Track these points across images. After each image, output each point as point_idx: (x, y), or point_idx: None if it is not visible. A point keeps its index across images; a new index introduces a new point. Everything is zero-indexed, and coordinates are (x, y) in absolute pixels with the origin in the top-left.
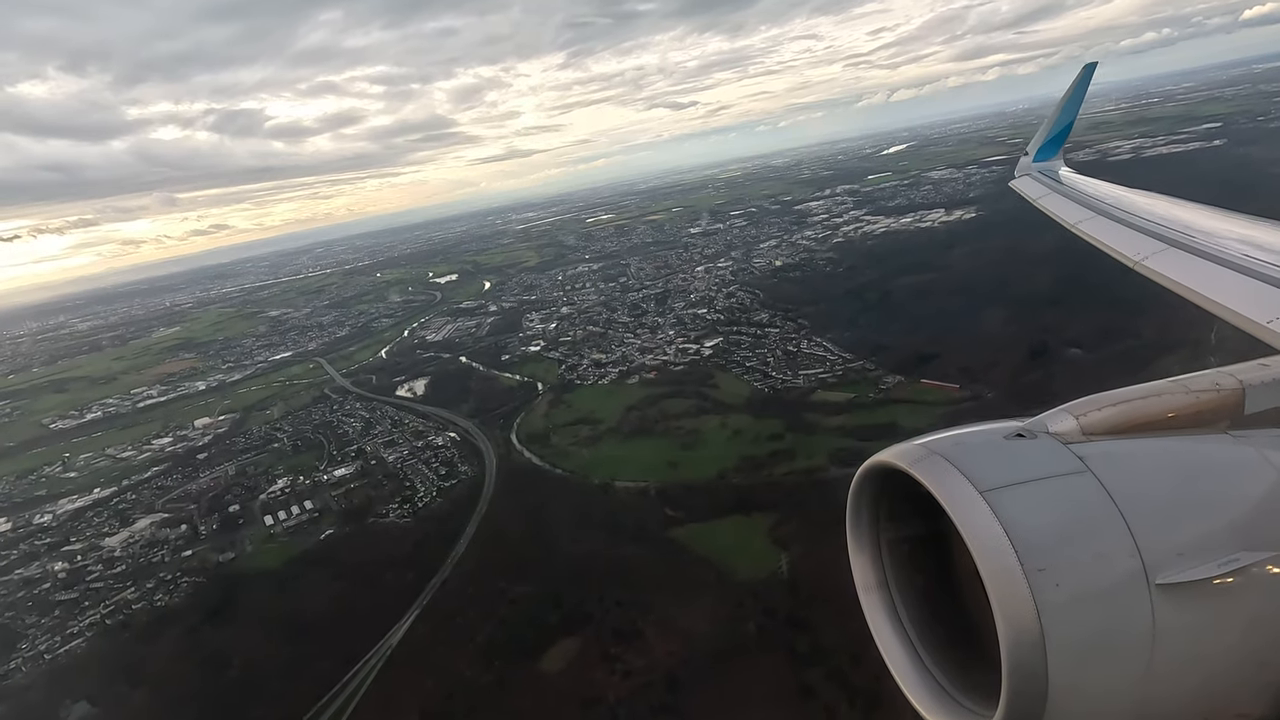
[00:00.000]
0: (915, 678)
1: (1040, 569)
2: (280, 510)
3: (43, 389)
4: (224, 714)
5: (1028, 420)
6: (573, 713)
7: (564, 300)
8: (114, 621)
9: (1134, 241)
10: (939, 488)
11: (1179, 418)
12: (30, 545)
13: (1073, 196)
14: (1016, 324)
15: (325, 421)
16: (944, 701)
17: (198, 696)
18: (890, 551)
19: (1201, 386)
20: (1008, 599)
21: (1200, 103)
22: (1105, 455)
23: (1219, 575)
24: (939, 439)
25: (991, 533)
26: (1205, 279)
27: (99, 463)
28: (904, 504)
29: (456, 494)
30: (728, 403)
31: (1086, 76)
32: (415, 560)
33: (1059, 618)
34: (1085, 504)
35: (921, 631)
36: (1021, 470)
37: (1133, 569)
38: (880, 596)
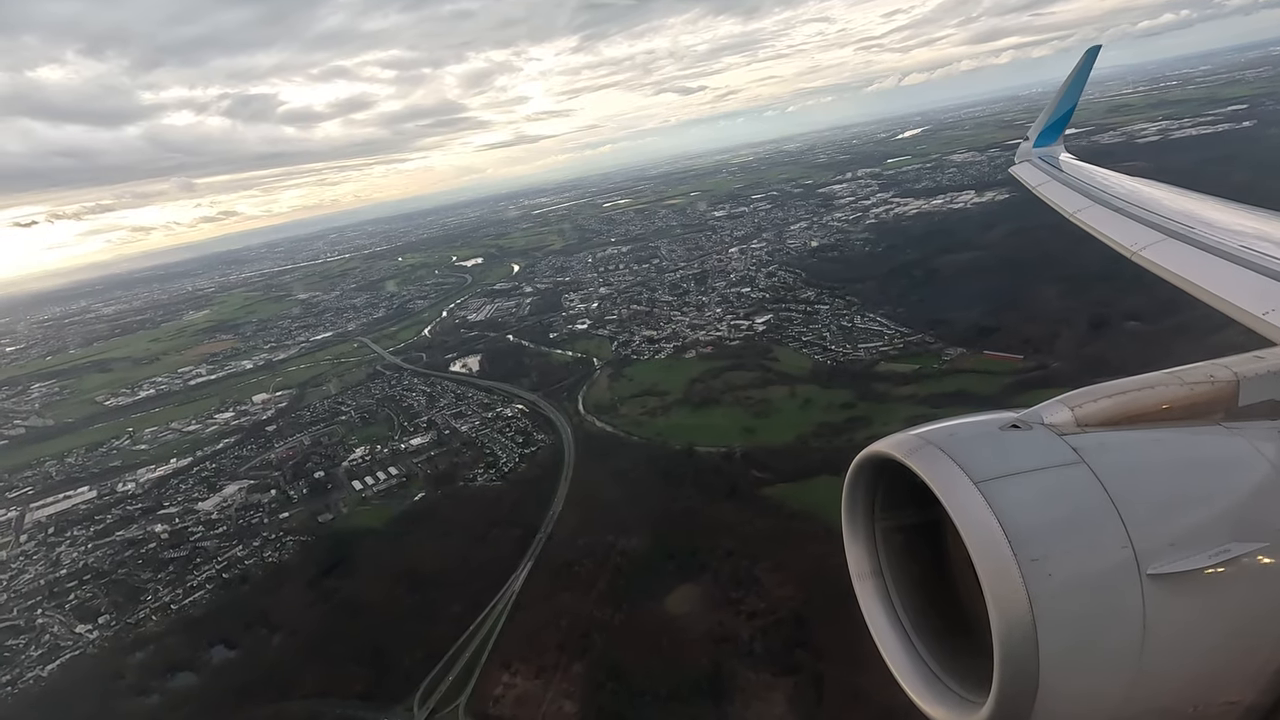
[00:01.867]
0: (908, 664)
1: (1033, 559)
2: (366, 476)
3: (85, 369)
4: (366, 653)
5: (1023, 412)
6: (709, 648)
7: (600, 281)
8: (231, 575)
9: (1132, 231)
10: (934, 478)
11: (1173, 409)
12: (123, 510)
13: (1072, 184)
14: (1070, 298)
15: (388, 396)
16: (936, 688)
17: (337, 638)
18: (885, 540)
19: (1196, 378)
20: (1000, 588)
21: (1221, 85)
22: (1099, 446)
23: (1210, 566)
24: (934, 429)
25: (985, 523)
26: (1202, 270)
27: (166, 436)
28: (899, 494)
29: (539, 459)
30: (792, 374)
31: (1089, 60)
32: (516, 518)
33: (1051, 606)
34: (1079, 495)
35: (915, 619)
36: (1016, 461)
37: (1125, 559)
38: (874, 584)
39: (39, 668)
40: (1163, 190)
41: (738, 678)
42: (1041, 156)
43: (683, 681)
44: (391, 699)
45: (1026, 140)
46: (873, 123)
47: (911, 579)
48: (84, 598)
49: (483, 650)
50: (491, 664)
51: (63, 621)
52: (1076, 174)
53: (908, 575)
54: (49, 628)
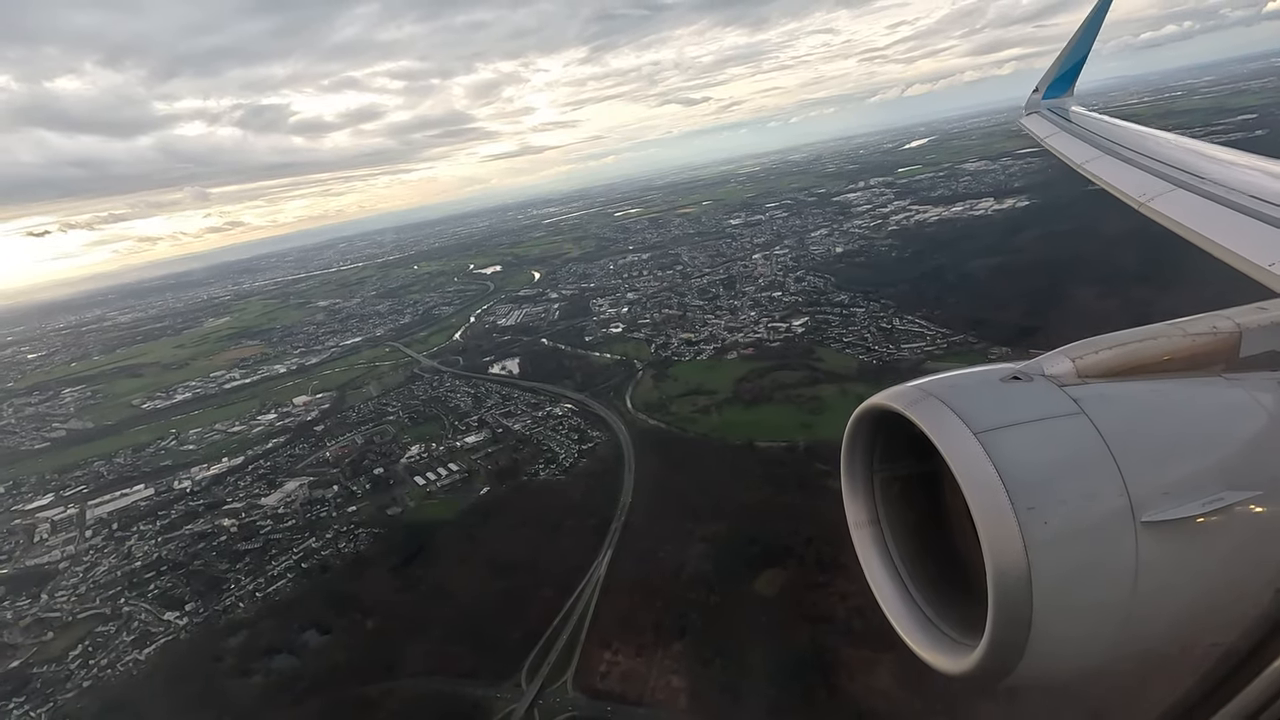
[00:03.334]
0: (903, 611)
1: (1030, 508)
2: (427, 472)
3: (114, 374)
4: (465, 635)
5: (1024, 363)
6: (805, 627)
7: (626, 287)
8: (310, 565)
9: (1141, 182)
10: (934, 429)
11: (1174, 360)
12: (185, 506)
13: (1081, 135)
14: (1108, 300)
15: (432, 397)
16: (930, 632)
17: (432, 621)
18: (883, 490)
19: (1198, 330)
20: (996, 536)
21: (1227, 95)
22: (1099, 397)
23: (1202, 514)
24: (934, 381)
25: (984, 472)
26: (1209, 221)
27: (212, 436)
28: (898, 445)
29: (599, 455)
30: (839, 373)
31: (1103, 8)
32: (588, 509)
33: (1045, 554)
34: (1077, 445)
35: (911, 567)
36: (1016, 412)
37: (1119, 508)
38: (871, 532)
39: (135, 652)
40: (1174, 140)
41: (839, 654)
42: (1050, 108)
43: (786, 658)
44: (498, 676)
45: (1036, 92)
46: (877, 133)
47: (908, 528)
48: (165, 587)
49: (580, 630)
50: (591, 643)
51: (149, 609)
52: (1086, 124)
53: (904, 524)
54: (136, 615)
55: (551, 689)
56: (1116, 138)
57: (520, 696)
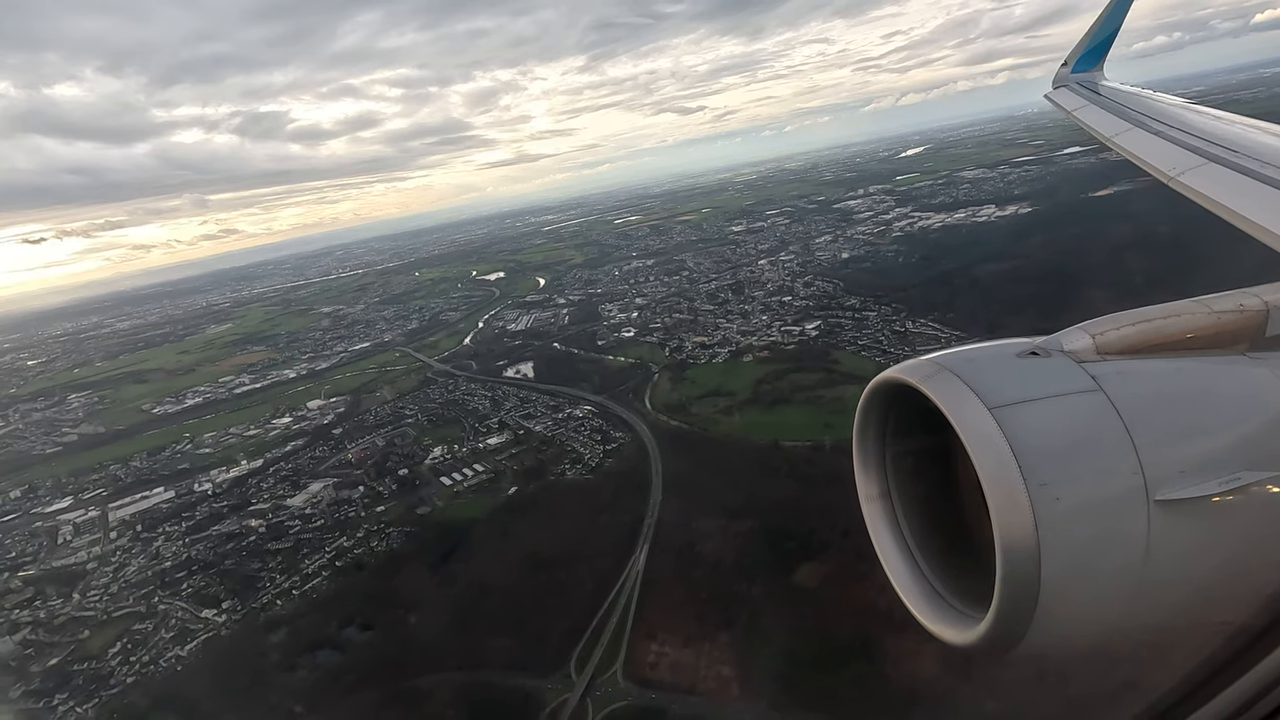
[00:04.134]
0: (912, 583)
1: (1042, 484)
2: (453, 472)
3: (119, 380)
4: (510, 628)
5: (1042, 339)
6: (849, 617)
7: (634, 292)
8: (344, 563)
9: (1172, 155)
10: (947, 403)
11: (1198, 338)
12: (209, 508)
13: (1111, 108)
14: (1124, 302)
15: (449, 400)
16: (938, 605)
17: (475, 616)
18: (894, 464)
19: (1224, 307)
20: (1007, 511)
21: (1219, 105)
22: (1118, 374)
23: (1218, 493)
24: (950, 354)
25: (997, 448)
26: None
27: (228, 440)
28: (911, 419)
29: (625, 454)
30: (858, 375)
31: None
32: (619, 506)
33: (1055, 529)
34: (1092, 422)
35: (920, 541)
36: (1031, 388)
37: (1133, 485)
38: (882, 506)
39: (176, 648)
40: (1209, 114)
41: (886, 643)
42: (1080, 81)
43: (833, 647)
44: (547, 668)
45: (1065, 66)
46: (871, 142)
47: (919, 502)
48: (198, 586)
49: (624, 623)
50: (637, 635)
51: (184, 607)
52: (1116, 97)
53: (915, 498)
54: (172, 613)
55: (601, 679)
56: (1148, 110)
57: (571, 687)
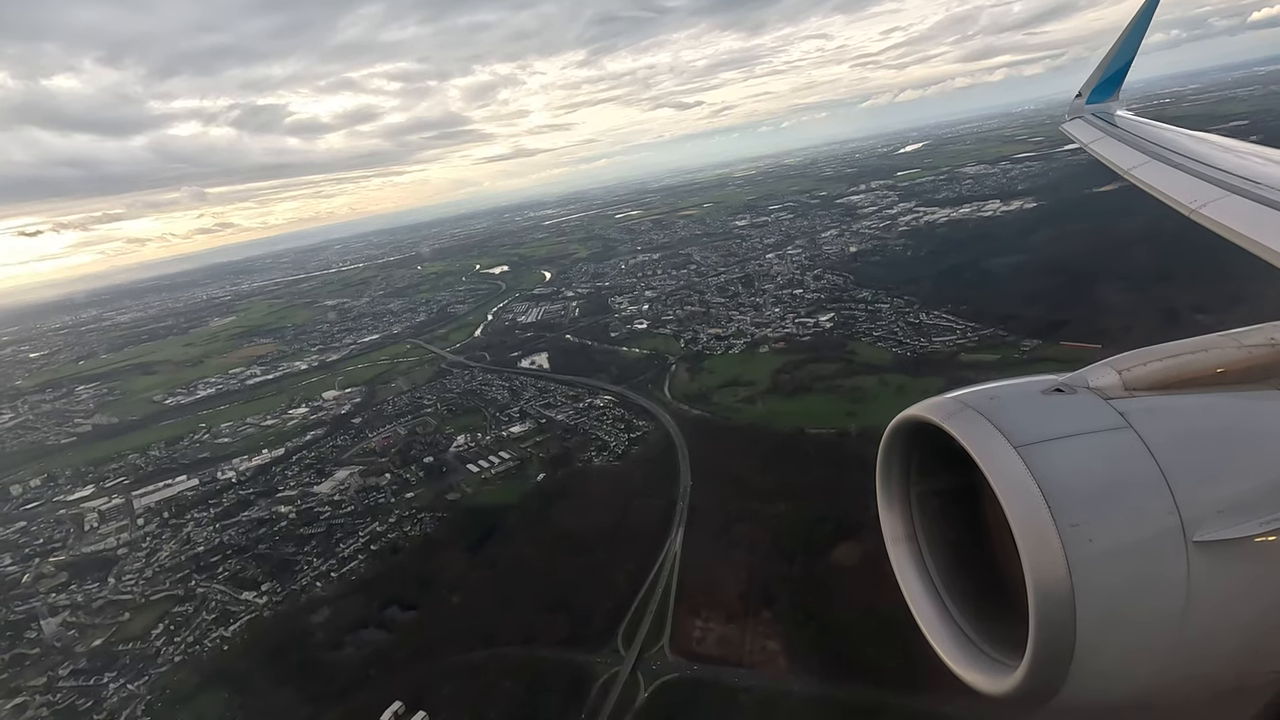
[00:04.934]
0: (942, 628)
1: (1074, 525)
2: (479, 460)
3: (126, 372)
4: (555, 606)
5: (1067, 375)
6: (890, 593)
7: (643, 285)
8: (379, 547)
9: (1192, 188)
10: (972, 442)
11: (1228, 373)
12: (236, 494)
13: (1128, 140)
14: (1131, 295)
15: (467, 390)
16: (970, 651)
17: (518, 596)
18: (920, 505)
19: (1255, 341)
20: (1039, 553)
21: (1216, 103)
22: (1147, 411)
23: (1260, 534)
24: (973, 393)
25: (1025, 488)
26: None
27: (246, 430)
28: (935, 458)
29: (649, 442)
30: (876, 365)
31: (1149, 10)
32: (650, 491)
33: (1090, 573)
34: (1123, 460)
35: (949, 584)
36: (1058, 425)
37: (1170, 526)
38: (909, 548)
39: (220, 629)
40: (1227, 145)
41: None
42: (1095, 113)
43: (877, 621)
44: (595, 643)
45: (1079, 97)
46: (869, 138)
47: (946, 543)
48: (234, 570)
49: (667, 601)
50: (681, 612)
51: (223, 590)
52: (1133, 129)
53: (943, 540)
54: (211, 596)
55: (650, 654)
56: (1165, 143)
57: (620, 662)
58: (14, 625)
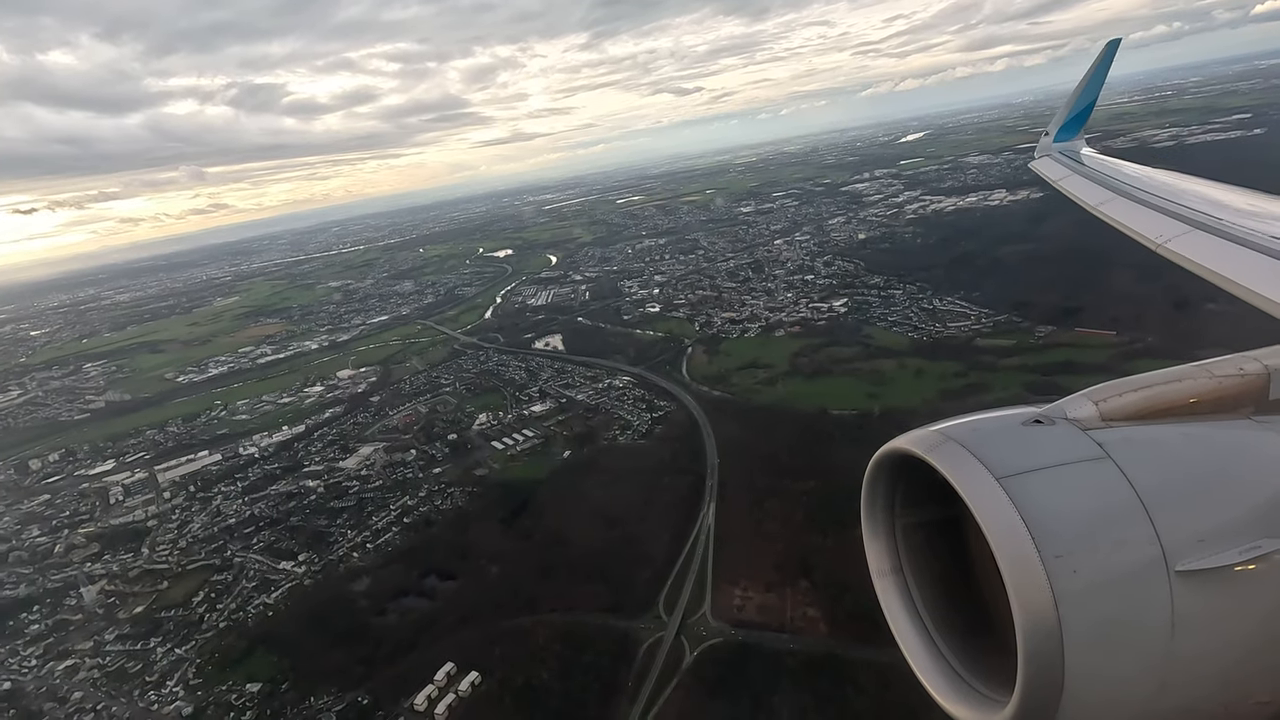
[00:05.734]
0: (929, 663)
1: (1057, 555)
2: (503, 437)
3: (133, 350)
4: (594, 576)
5: (1046, 406)
6: None
7: (652, 270)
8: (412, 520)
9: (1157, 223)
10: (955, 474)
11: (1201, 403)
12: (261, 469)
13: (1094, 178)
14: (1144, 284)
15: (484, 370)
16: (958, 686)
17: (556, 565)
18: (905, 537)
19: (1225, 371)
20: (1024, 586)
21: (1217, 96)
22: (1125, 441)
23: (1240, 562)
24: (955, 425)
25: (1008, 519)
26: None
27: (263, 407)
28: (920, 490)
29: (673, 421)
30: (893, 349)
31: (1109, 54)
32: (678, 468)
33: (1076, 605)
34: (1104, 491)
35: (936, 617)
36: (1039, 457)
37: (1152, 556)
38: (895, 581)
39: (261, 596)
40: (1188, 182)
41: None
42: (1062, 151)
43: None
44: (637, 610)
45: (1047, 135)
46: (869, 126)
47: (933, 576)
48: (269, 541)
49: (704, 571)
50: (719, 581)
51: (260, 560)
52: (1099, 167)
53: (929, 572)
54: (248, 565)
55: (692, 620)
56: (1130, 180)
57: (663, 627)
58: (53, 593)
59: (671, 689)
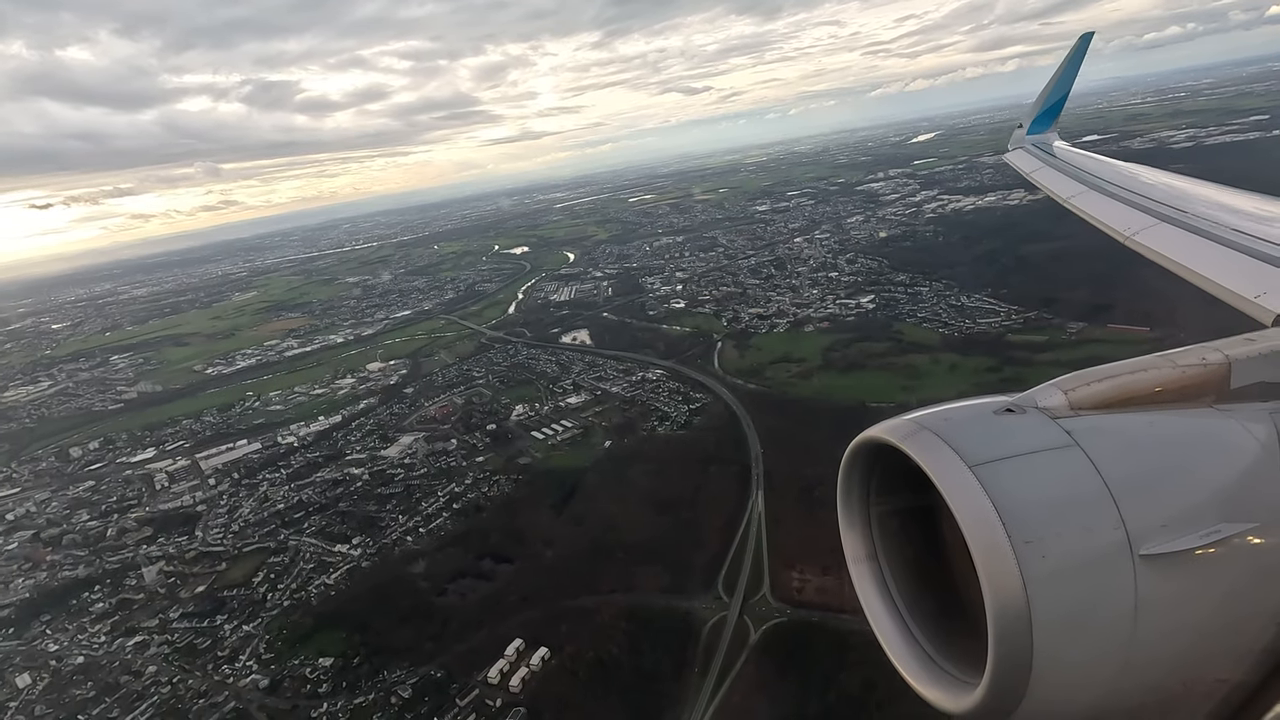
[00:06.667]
0: (904, 648)
1: (1027, 541)
2: (542, 428)
3: (158, 343)
4: (651, 558)
5: (1017, 396)
6: None
7: (672, 267)
8: (461, 506)
9: (1126, 216)
10: (929, 462)
11: (1166, 392)
12: (304, 457)
13: (1065, 170)
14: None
15: (514, 363)
16: (931, 670)
17: (612, 548)
18: (880, 524)
19: (1188, 361)
20: (995, 571)
21: (1233, 97)
22: (1092, 430)
23: (1200, 546)
24: (929, 414)
25: (980, 506)
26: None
27: (296, 398)
28: (894, 479)
29: (711, 413)
30: (925, 344)
31: (1082, 47)
32: (722, 457)
33: (1044, 588)
34: (1072, 478)
35: (910, 603)
36: (1010, 445)
37: (1117, 541)
38: (870, 568)
39: (321, 576)
40: (1157, 175)
41: None
42: (1035, 143)
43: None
44: (697, 591)
45: (1020, 128)
46: (879, 127)
47: (906, 563)
48: (320, 525)
49: (760, 554)
50: (776, 564)
51: (314, 543)
52: (1070, 160)
53: (902, 559)
54: (303, 548)
55: (753, 600)
56: (1100, 173)
57: (725, 607)
58: (112, 574)
59: (741, 664)
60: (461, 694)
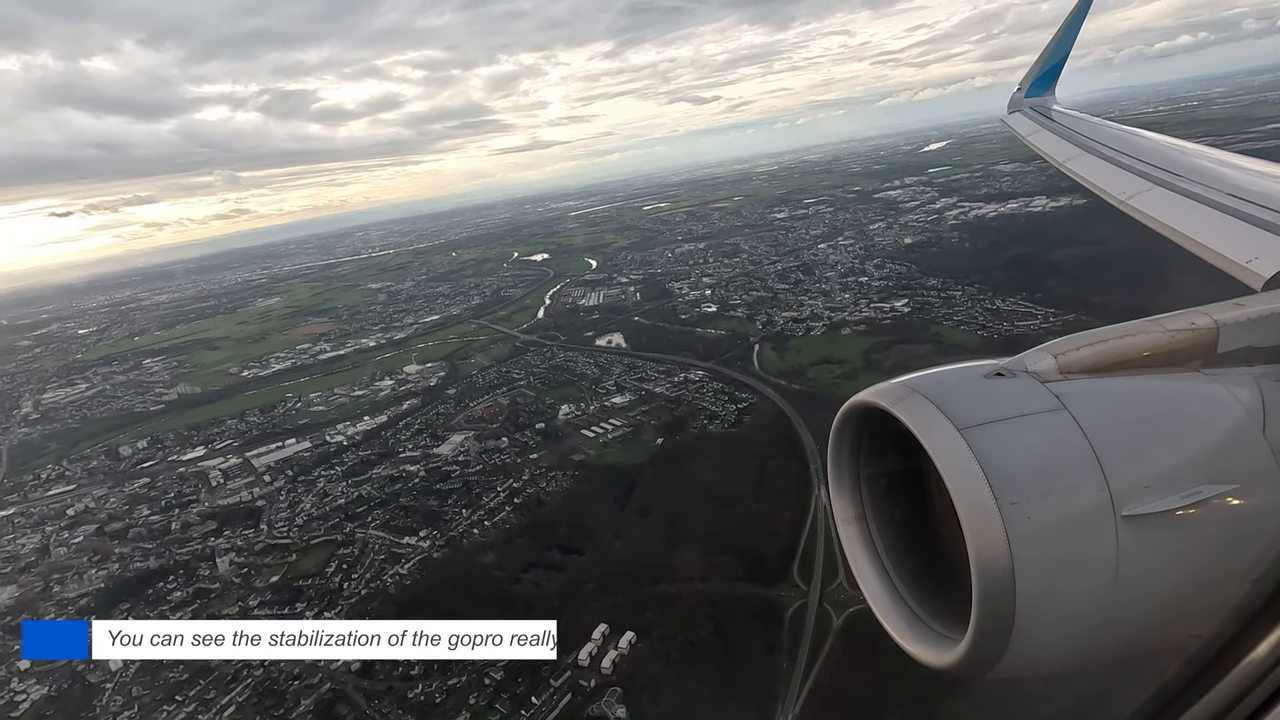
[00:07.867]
0: (890, 606)
1: (1013, 502)
2: (592, 426)
3: (189, 347)
4: (721, 549)
5: (1007, 360)
6: None
7: (698, 272)
8: (522, 500)
9: (1121, 180)
10: (918, 425)
11: (1154, 356)
12: (356, 455)
13: (1063, 134)
14: (1211, 283)
15: (553, 365)
16: (917, 627)
17: (682, 539)
18: (869, 486)
19: (1177, 325)
20: (980, 531)
21: (1247, 105)
22: (1080, 393)
23: (1181, 507)
24: (919, 378)
25: (967, 468)
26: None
27: (338, 400)
28: (884, 441)
29: (760, 411)
30: (965, 346)
31: (1084, 8)
32: (779, 453)
33: (1028, 547)
34: (1059, 440)
35: (897, 563)
36: (999, 408)
37: (1100, 501)
38: (858, 529)
39: (394, 567)
40: (1154, 138)
41: None
42: (1033, 106)
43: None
44: (774, 579)
45: (1019, 91)
46: (889, 135)
47: (894, 523)
48: (384, 519)
49: (832, 545)
50: None
51: (381, 536)
52: (1068, 123)
53: (890, 520)
54: (371, 540)
55: (830, 588)
56: (1098, 136)
57: (804, 595)
58: (183, 565)
59: (829, 647)
60: (554, 675)
